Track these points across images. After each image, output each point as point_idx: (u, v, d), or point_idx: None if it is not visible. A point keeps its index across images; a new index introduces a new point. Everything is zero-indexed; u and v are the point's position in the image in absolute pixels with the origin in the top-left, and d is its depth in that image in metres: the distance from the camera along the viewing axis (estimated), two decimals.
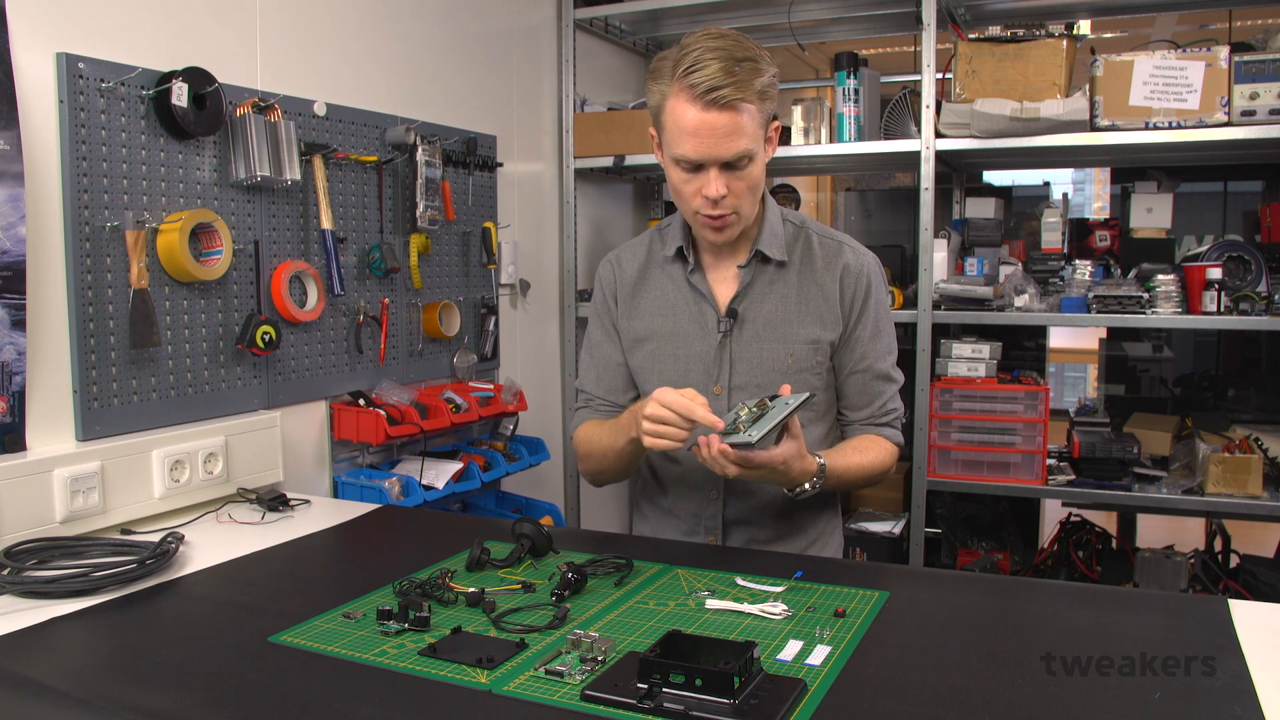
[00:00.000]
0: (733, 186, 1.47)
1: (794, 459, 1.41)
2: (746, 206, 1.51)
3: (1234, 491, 2.50)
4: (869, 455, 1.59)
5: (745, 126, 1.42)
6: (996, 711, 0.95)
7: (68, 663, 1.10)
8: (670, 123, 1.46)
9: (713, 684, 0.95)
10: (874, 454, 1.60)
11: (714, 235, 1.54)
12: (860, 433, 1.64)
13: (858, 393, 1.63)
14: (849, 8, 3.04)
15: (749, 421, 1.37)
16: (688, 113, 1.42)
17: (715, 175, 1.45)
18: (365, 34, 2.26)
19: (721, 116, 1.41)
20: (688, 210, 1.53)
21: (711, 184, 1.45)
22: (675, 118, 1.44)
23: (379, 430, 2.10)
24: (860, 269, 1.61)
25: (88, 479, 1.59)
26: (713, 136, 1.42)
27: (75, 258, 1.62)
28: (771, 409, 1.39)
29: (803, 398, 1.39)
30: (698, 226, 1.55)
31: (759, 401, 1.41)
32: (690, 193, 1.49)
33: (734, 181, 1.47)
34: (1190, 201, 3.73)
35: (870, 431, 1.64)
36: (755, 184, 1.50)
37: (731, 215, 1.50)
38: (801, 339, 1.58)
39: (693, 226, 1.57)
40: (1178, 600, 1.56)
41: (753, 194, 1.51)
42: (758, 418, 1.38)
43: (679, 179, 1.50)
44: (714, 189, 1.45)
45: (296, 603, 1.26)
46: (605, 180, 3.37)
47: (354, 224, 2.21)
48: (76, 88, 1.61)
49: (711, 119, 1.41)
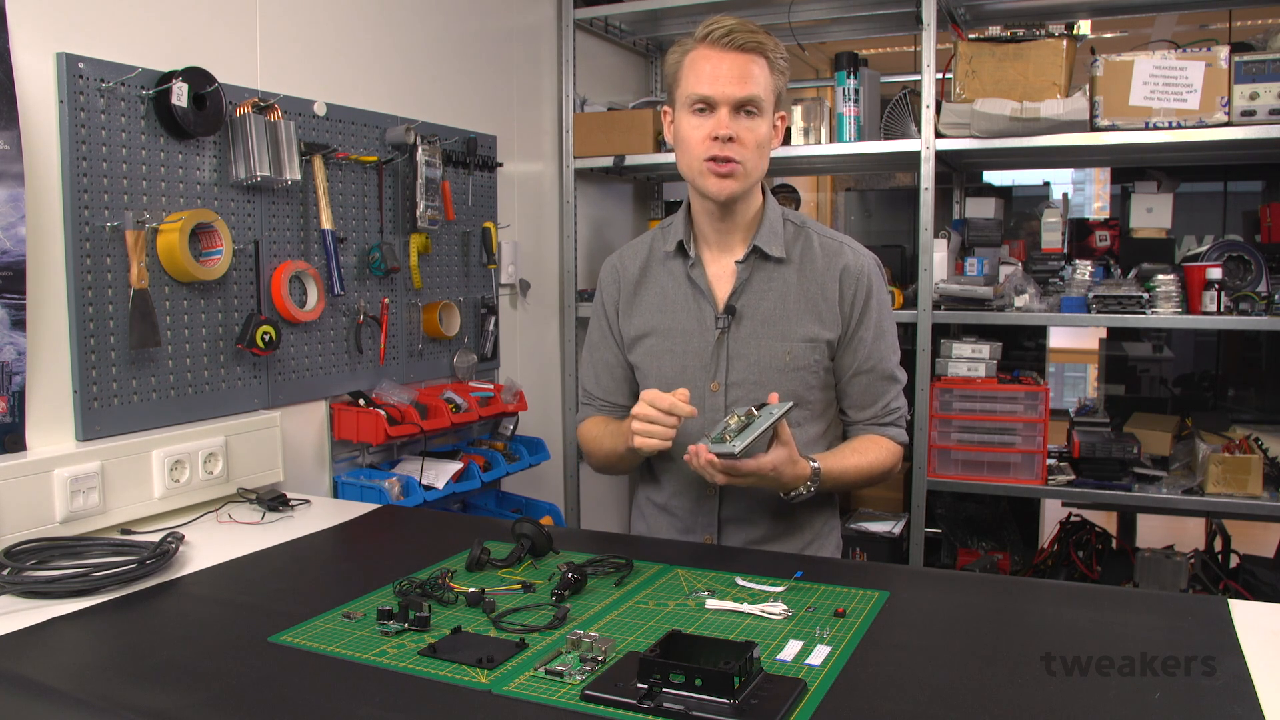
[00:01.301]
0: (740, 135, 1.51)
1: (784, 465, 1.44)
2: (752, 163, 1.54)
3: (1234, 491, 2.50)
4: (868, 456, 1.60)
5: (757, 75, 1.51)
6: (996, 711, 0.95)
7: (68, 663, 1.10)
8: (687, 71, 1.54)
9: (713, 684, 0.95)
10: (873, 454, 1.60)
11: (718, 184, 1.54)
12: (863, 433, 1.65)
13: (862, 393, 1.64)
14: (849, 8, 3.04)
15: (736, 431, 1.39)
16: (705, 55, 1.52)
17: (725, 114, 1.51)
18: (365, 34, 2.26)
19: (737, 58, 1.50)
20: (694, 161, 1.55)
21: (723, 123, 1.50)
22: (693, 64, 1.53)
23: (379, 430, 2.10)
24: (861, 270, 1.61)
25: (88, 479, 1.59)
26: (728, 74, 1.50)
27: (75, 258, 1.62)
28: (758, 418, 1.41)
29: (786, 407, 1.43)
30: (702, 177, 1.55)
31: (748, 410, 1.43)
32: (699, 138, 1.53)
33: (742, 130, 1.51)
34: (1190, 201, 3.73)
35: (873, 431, 1.64)
36: (762, 143, 1.54)
37: (738, 164, 1.52)
38: (799, 336, 1.59)
39: (697, 181, 1.57)
40: (1178, 600, 1.56)
41: (758, 152, 1.54)
42: (745, 426, 1.40)
43: (689, 126, 1.54)
44: (724, 127, 1.50)
45: (296, 603, 1.26)
46: (605, 180, 3.37)
47: (354, 224, 2.21)
48: (76, 88, 1.61)
49: (727, 60, 1.50)
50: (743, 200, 1.59)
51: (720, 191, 1.54)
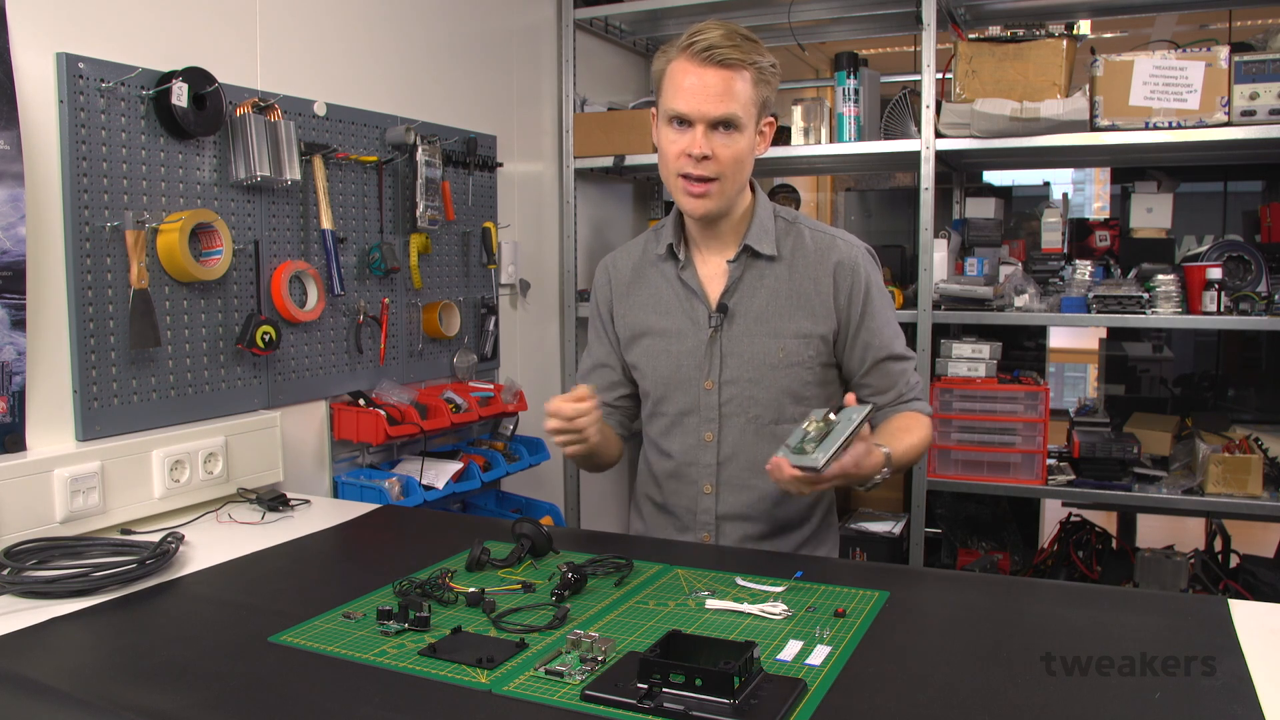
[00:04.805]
0: (718, 152, 1.49)
1: (862, 459, 1.40)
2: (729, 179, 1.52)
3: (1234, 491, 2.50)
4: (916, 434, 1.60)
5: (737, 92, 1.48)
6: (996, 711, 0.95)
7: (68, 663, 1.10)
8: (668, 83, 1.51)
9: (713, 684, 0.95)
10: (919, 430, 1.61)
11: (692, 203, 1.54)
12: (893, 413, 1.65)
13: (883, 378, 1.64)
14: (849, 8, 3.04)
15: (816, 439, 1.36)
16: (685, 69, 1.49)
17: (701, 133, 1.48)
18: (365, 34, 2.26)
19: (717, 75, 1.47)
20: (670, 175, 1.55)
21: (697, 141, 1.48)
22: (673, 76, 1.50)
23: (379, 430, 2.10)
24: (854, 263, 1.61)
25: (88, 479, 1.59)
26: (705, 93, 1.47)
27: (75, 258, 1.62)
28: (837, 423, 1.37)
29: (866, 411, 1.38)
30: (678, 194, 1.55)
31: (825, 415, 1.39)
32: (675, 153, 1.52)
33: (720, 147, 1.49)
34: (1190, 201, 3.73)
35: (902, 410, 1.65)
36: (739, 158, 1.52)
37: (713, 183, 1.51)
38: (791, 333, 1.59)
39: (674, 196, 1.58)
40: (1178, 600, 1.56)
41: (736, 168, 1.52)
42: (825, 434, 1.36)
43: (667, 140, 1.53)
44: (698, 146, 1.48)
45: (296, 603, 1.26)
46: (605, 180, 3.37)
47: (354, 224, 2.21)
48: (76, 88, 1.61)
49: (706, 76, 1.47)
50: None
51: (695, 210, 1.55)
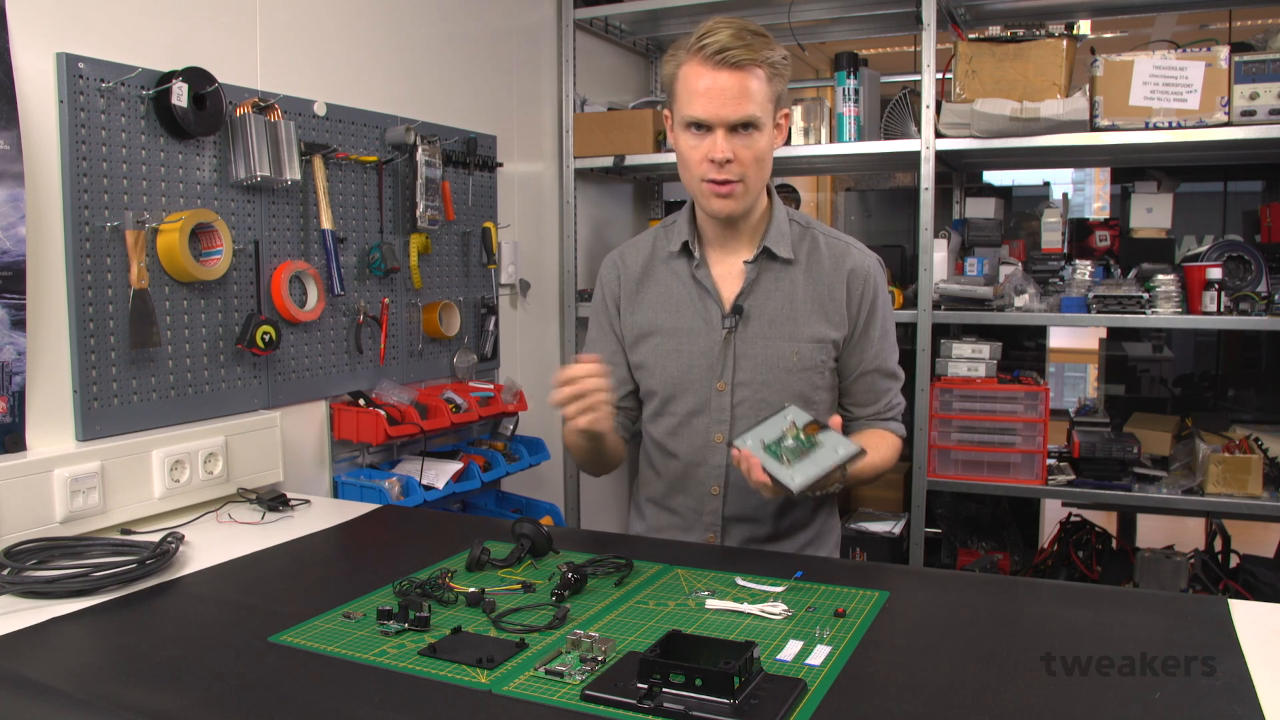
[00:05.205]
0: (739, 153, 1.49)
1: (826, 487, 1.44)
2: (752, 178, 1.53)
3: (1234, 491, 2.50)
4: (883, 452, 1.61)
5: (754, 92, 1.47)
6: (996, 711, 0.95)
7: (68, 663, 1.10)
8: (681, 88, 1.50)
9: (713, 684, 0.95)
10: (886, 450, 1.63)
11: (719, 204, 1.54)
12: (865, 428, 1.66)
13: (866, 391, 1.66)
14: (849, 8, 3.04)
15: (794, 454, 1.35)
16: (698, 74, 1.47)
17: (722, 137, 1.48)
18: (365, 34, 2.26)
19: (731, 77, 1.45)
20: (694, 180, 1.54)
21: (718, 146, 1.48)
22: (686, 81, 1.49)
23: (379, 430, 2.10)
24: (867, 272, 1.62)
25: (88, 479, 1.59)
26: (721, 97, 1.46)
27: (75, 258, 1.62)
28: (820, 447, 1.36)
29: (854, 453, 1.36)
30: (703, 197, 1.55)
31: (809, 426, 1.38)
32: (697, 159, 1.51)
33: (740, 149, 1.49)
34: (1190, 201, 3.73)
35: (877, 426, 1.66)
36: (762, 156, 1.52)
37: (737, 184, 1.51)
38: (807, 337, 1.59)
39: (698, 199, 1.57)
40: (1178, 600, 1.56)
41: (759, 166, 1.52)
42: (805, 452, 1.35)
43: (687, 146, 1.52)
44: (720, 150, 1.48)
45: (296, 603, 1.26)
46: (605, 180, 3.36)
47: (354, 224, 2.21)
48: (76, 88, 1.61)
49: (721, 79, 1.46)
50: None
51: (721, 211, 1.55)
